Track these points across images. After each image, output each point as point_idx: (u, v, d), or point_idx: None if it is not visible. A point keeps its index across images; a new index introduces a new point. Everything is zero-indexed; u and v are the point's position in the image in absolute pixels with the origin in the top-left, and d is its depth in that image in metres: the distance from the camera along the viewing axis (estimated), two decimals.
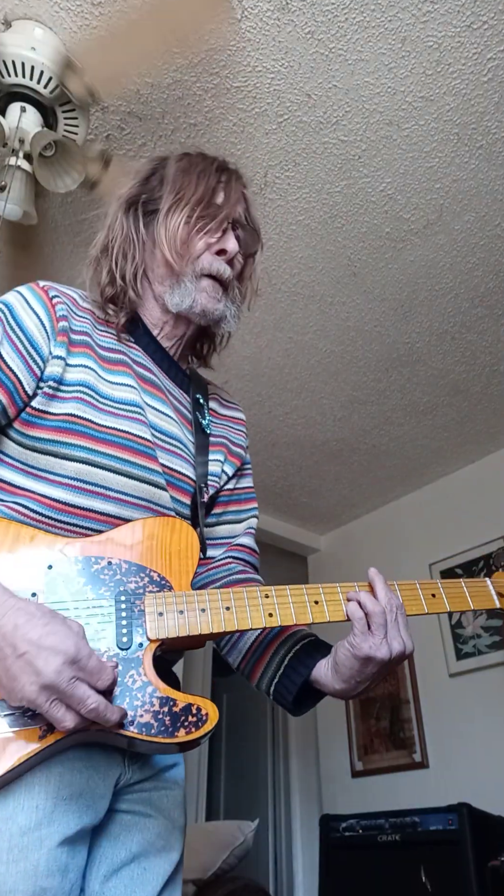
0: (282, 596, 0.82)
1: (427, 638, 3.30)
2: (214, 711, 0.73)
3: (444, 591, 0.88)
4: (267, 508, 3.92)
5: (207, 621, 0.78)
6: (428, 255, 2.33)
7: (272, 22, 1.69)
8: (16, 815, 0.69)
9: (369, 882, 2.38)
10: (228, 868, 2.20)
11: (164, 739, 0.70)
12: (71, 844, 0.72)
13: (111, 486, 0.83)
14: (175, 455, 0.92)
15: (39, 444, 0.83)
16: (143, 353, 0.97)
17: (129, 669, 0.74)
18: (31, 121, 1.71)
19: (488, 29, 1.70)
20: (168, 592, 0.80)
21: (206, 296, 0.95)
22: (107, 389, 0.88)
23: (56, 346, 0.85)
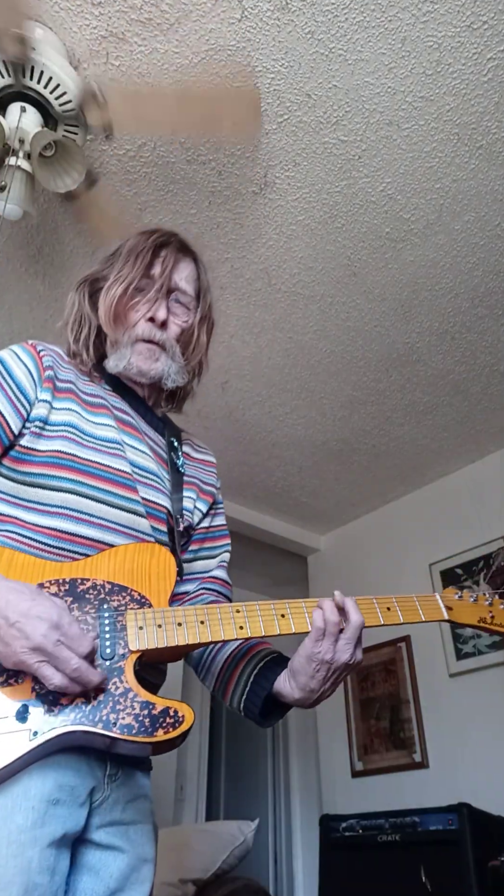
0: (251, 610, 0.90)
1: (427, 638, 3.30)
2: (190, 714, 0.80)
3: (399, 605, 0.95)
4: (267, 508, 3.92)
5: (184, 634, 0.86)
6: (428, 255, 2.33)
7: (272, 22, 1.69)
8: (13, 814, 0.75)
9: (369, 882, 2.38)
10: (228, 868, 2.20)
11: (144, 739, 0.77)
12: (57, 848, 0.78)
13: (95, 513, 0.93)
14: (152, 488, 1.02)
15: (29, 478, 0.93)
16: (121, 399, 1.08)
17: (113, 677, 0.81)
18: (31, 121, 1.71)
19: (488, 29, 1.70)
20: (148, 609, 0.87)
21: (141, 357, 1.07)
22: (90, 428, 0.98)
23: (42, 391, 0.97)
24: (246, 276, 2.42)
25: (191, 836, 2.30)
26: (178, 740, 0.79)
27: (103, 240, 2.14)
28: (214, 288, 2.46)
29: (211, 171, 2.04)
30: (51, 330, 2.65)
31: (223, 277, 2.42)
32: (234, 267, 2.38)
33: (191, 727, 0.79)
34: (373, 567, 3.62)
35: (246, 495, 3.79)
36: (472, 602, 1.02)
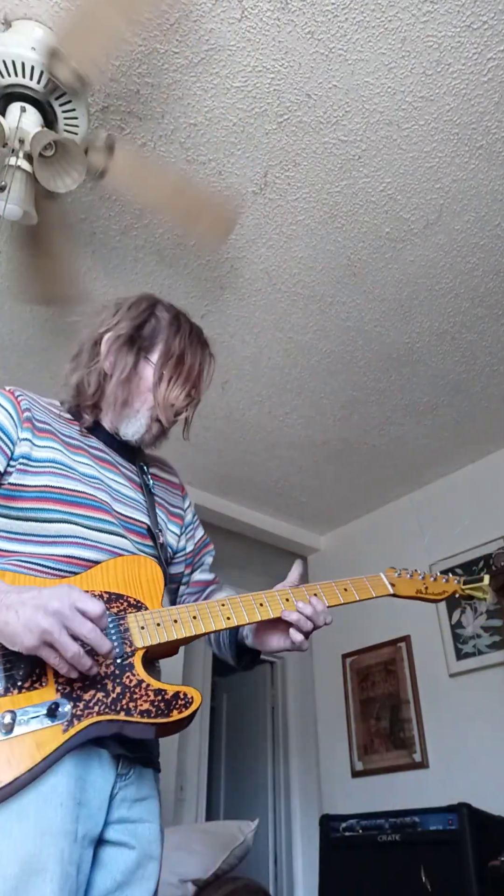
0: (234, 603, 1.04)
1: (427, 638, 3.30)
2: (198, 695, 0.91)
3: (353, 585, 1.15)
4: (267, 508, 3.92)
5: (181, 628, 0.98)
6: (428, 255, 2.33)
7: (272, 22, 1.69)
8: (45, 809, 0.81)
9: (369, 882, 2.38)
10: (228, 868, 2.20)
11: (162, 720, 0.88)
12: (82, 845, 0.85)
13: (88, 537, 1.02)
14: (131, 507, 1.13)
15: (23, 513, 1.01)
16: (96, 439, 1.18)
17: (125, 672, 0.91)
18: (31, 121, 1.71)
19: (488, 29, 1.70)
20: (145, 611, 0.98)
21: (153, 435, 1.22)
22: (72, 464, 1.08)
23: (23, 431, 1.05)
24: (246, 276, 2.42)
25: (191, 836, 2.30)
26: (189, 719, 0.90)
27: None
28: (214, 288, 2.47)
29: (211, 171, 2.04)
30: (51, 330, 2.65)
31: (223, 277, 2.42)
32: (234, 267, 2.38)
33: (199, 707, 0.91)
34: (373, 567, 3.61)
35: (246, 495, 3.79)
36: (408, 578, 1.22)
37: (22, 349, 2.77)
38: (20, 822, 0.79)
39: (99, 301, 2.52)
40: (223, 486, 3.69)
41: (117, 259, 2.35)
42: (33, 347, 2.76)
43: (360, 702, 3.51)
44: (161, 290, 2.47)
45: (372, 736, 3.38)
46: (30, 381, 2.92)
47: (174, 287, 2.46)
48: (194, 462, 3.48)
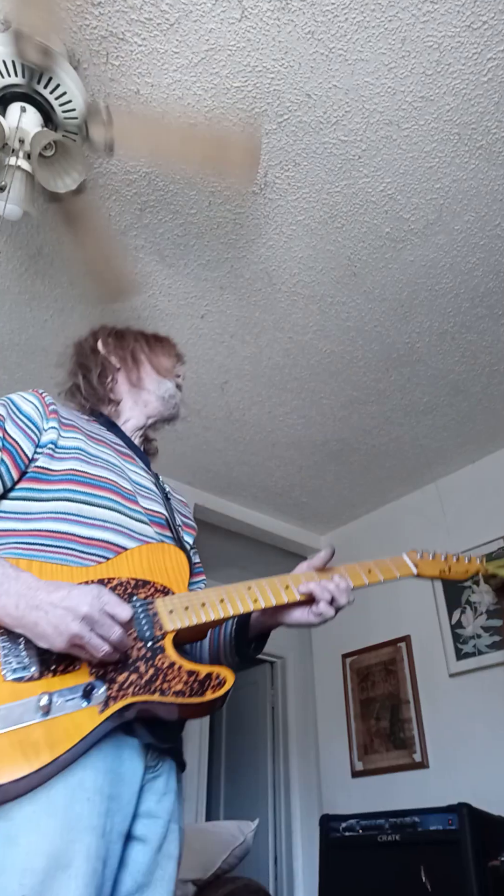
0: (261, 586, 1.05)
1: (427, 638, 3.30)
2: (231, 675, 0.92)
3: (377, 567, 1.17)
4: (267, 508, 3.92)
5: (209, 611, 0.98)
6: (428, 255, 2.33)
7: (272, 22, 1.69)
8: (73, 803, 0.81)
9: (369, 882, 2.38)
10: (228, 868, 2.20)
11: (197, 699, 0.89)
12: (108, 839, 0.84)
13: (107, 519, 1.04)
14: (151, 500, 1.16)
15: (48, 494, 1.04)
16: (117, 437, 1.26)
17: (157, 654, 0.92)
18: (31, 121, 1.71)
19: (488, 29, 1.70)
20: (173, 595, 1.00)
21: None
22: (95, 452, 1.13)
23: (49, 421, 1.11)
24: (246, 276, 2.42)
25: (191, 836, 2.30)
26: (222, 699, 0.91)
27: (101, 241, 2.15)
28: (214, 288, 2.47)
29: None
30: (51, 330, 2.65)
31: (223, 277, 2.42)
32: (234, 267, 2.38)
33: (231, 687, 0.91)
34: None
35: (246, 495, 3.78)
36: (431, 559, 1.26)
37: (22, 349, 2.77)
38: (48, 816, 0.79)
39: (98, 301, 2.52)
40: (223, 486, 3.69)
41: (117, 257, 2.35)
42: (33, 347, 2.76)
43: (360, 702, 3.51)
44: (161, 289, 2.47)
45: (372, 736, 3.38)
46: (30, 382, 2.92)
47: (174, 287, 2.46)
48: (194, 462, 3.48)
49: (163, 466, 3.46)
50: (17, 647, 0.86)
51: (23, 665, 0.85)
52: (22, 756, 0.78)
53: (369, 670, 3.53)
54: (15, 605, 0.85)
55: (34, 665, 0.85)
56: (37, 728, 0.80)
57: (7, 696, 0.81)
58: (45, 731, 0.80)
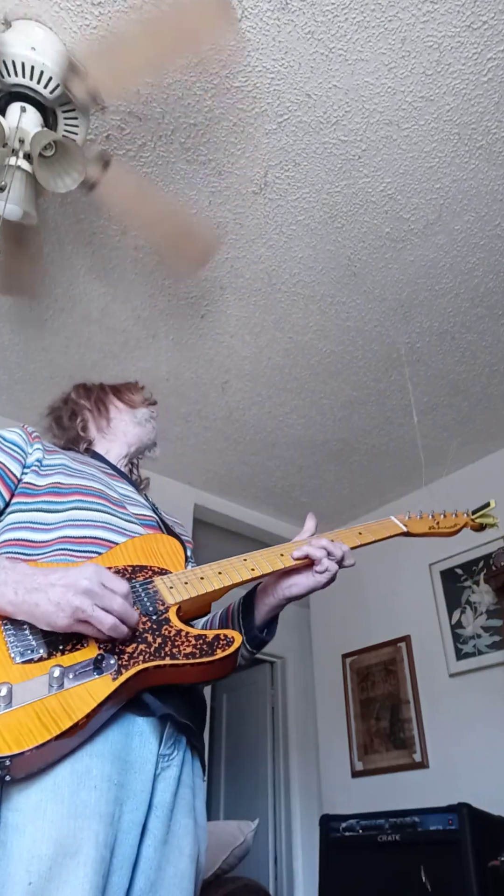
0: (256, 557, 1.08)
1: (427, 638, 3.30)
2: (238, 635, 0.93)
3: (367, 529, 1.20)
4: (267, 508, 3.92)
5: (208, 583, 1.01)
6: (428, 255, 2.33)
7: (272, 22, 1.69)
8: (79, 790, 0.80)
9: (369, 882, 2.38)
10: (228, 868, 2.20)
11: (207, 659, 0.90)
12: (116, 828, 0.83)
13: (96, 519, 1.08)
14: (140, 507, 1.21)
15: (35, 505, 1.08)
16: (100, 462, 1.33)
17: (163, 625, 0.94)
18: (31, 121, 1.71)
19: (488, 29, 1.70)
20: (171, 574, 1.02)
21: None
22: (79, 468, 1.20)
23: (33, 445, 1.19)
24: (246, 276, 2.42)
25: None
26: (233, 659, 0.92)
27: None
28: (214, 288, 2.47)
29: (211, 171, 2.04)
30: (50, 329, 2.65)
31: (223, 277, 2.42)
32: (234, 267, 2.38)
33: (240, 646, 0.93)
34: (373, 567, 3.62)
35: (246, 495, 3.79)
36: (418, 518, 1.29)
37: (22, 349, 2.77)
38: (55, 803, 0.79)
39: (98, 301, 2.52)
40: (223, 486, 3.69)
41: (117, 259, 2.35)
42: (33, 347, 2.76)
43: (360, 702, 3.51)
44: (161, 289, 2.47)
45: (372, 736, 3.38)
46: (30, 382, 2.93)
47: (174, 287, 2.46)
48: (194, 462, 3.48)
49: (163, 466, 3.46)
50: (22, 632, 0.87)
51: (30, 648, 0.86)
52: (41, 725, 0.78)
53: (369, 670, 3.53)
54: (14, 592, 0.86)
55: (42, 647, 0.86)
56: (52, 700, 0.81)
57: (19, 676, 0.83)
58: (61, 700, 0.81)
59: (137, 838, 0.86)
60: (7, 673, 0.82)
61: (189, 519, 3.54)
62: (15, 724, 0.78)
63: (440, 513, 1.33)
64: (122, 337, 2.71)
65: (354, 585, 3.65)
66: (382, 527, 1.23)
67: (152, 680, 0.89)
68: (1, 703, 0.78)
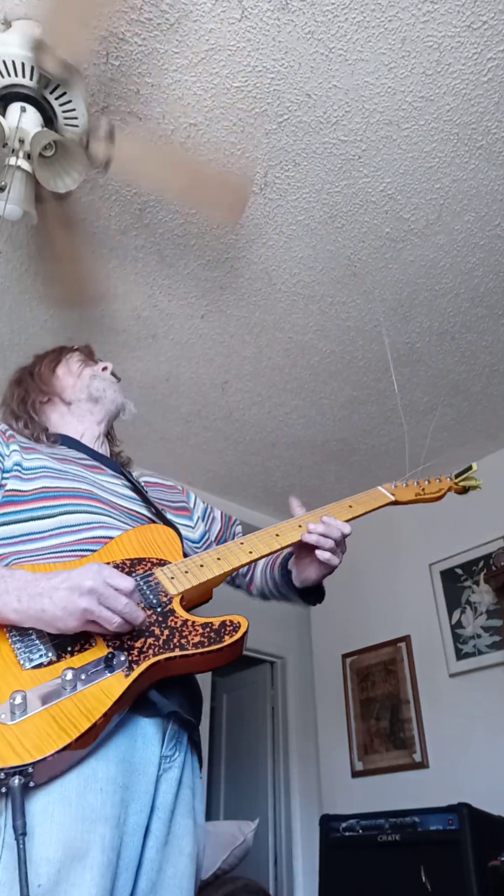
0: (252, 539, 1.10)
1: (427, 638, 3.30)
2: (244, 620, 0.94)
3: (357, 501, 1.25)
4: (267, 508, 3.92)
5: (209, 570, 1.02)
6: (428, 255, 2.33)
7: (272, 22, 1.69)
8: (86, 793, 0.80)
9: (369, 882, 2.38)
10: (228, 868, 2.20)
11: (216, 646, 0.90)
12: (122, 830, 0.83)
13: (92, 521, 1.06)
14: (129, 501, 1.18)
15: (23, 515, 1.04)
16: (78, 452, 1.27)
17: (169, 616, 0.94)
18: (31, 121, 1.71)
19: (488, 29, 1.70)
20: (170, 564, 1.02)
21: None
22: (62, 468, 1.15)
23: (9, 446, 1.14)
24: (246, 276, 2.42)
25: None
26: (241, 644, 0.92)
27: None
28: (214, 288, 2.47)
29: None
30: (50, 330, 2.65)
31: (223, 277, 2.42)
32: (234, 267, 2.38)
33: (247, 630, 0.93)
34: (373, 567, 3.62)
35: (246, 495, 3.78)
36: (405, 486, 1.34)
37: (22, 349, 2.77)
38: (63, 806, 0.79)
39: (98, 301, 2.52)
40: (223, 486, 3.69)
41: (117, 259, 2.35)
42: (33, 347, 2.75)
43: (360, 702, 3.51)
44: (161, 290, 2.47)
45: (372, 736, 3.38)
46: None
47: (174, 287, 2.46)
48: (194, 462, 3.48)
49: (163, 466, 3.46)
50: (28, 637, 0.87)
51: (39, 653, 0.85)
52: (60, 728, 0.78)
53: (369, 670, 3.53)
54: (17, 599, 0.86)
55: (50, 650, 0.86)
56: (67, 702, 0.81)
57: (30, 681, 0.82)
58: (77, 702, 0.81)
59: (141, 840, 0.86)
60: (19, 680, 0.82)
61: None
62: (33, 731, 0.77)
63: (425, 479, 1.37)
64: (122, 337, 2.71)
65: (354, 585, 3.65)
66: (371, 497, 1.27)
67: (163, 672, 0.90)
68: (17, 710, 0.78)
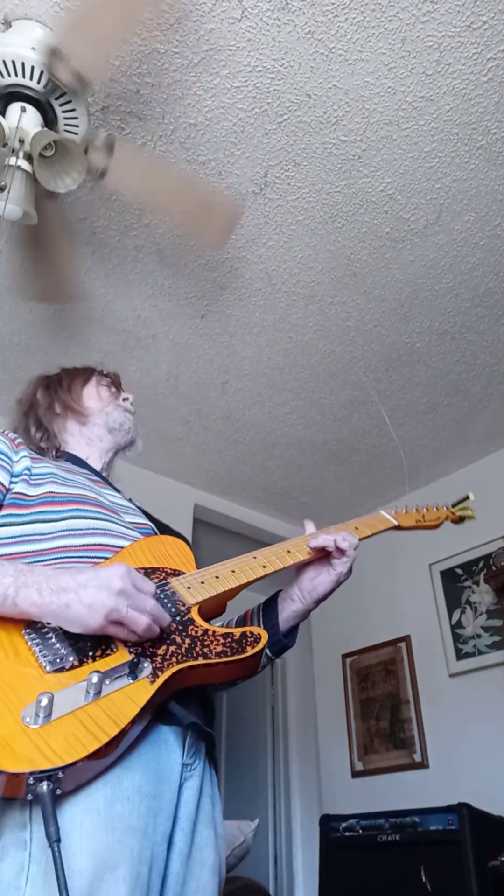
0: (266, 554, 1.12)
1: (427, 638, 3.30)
2: (264, 632, 0.95)
3: (363, 524, 1.25)
4: (267, 508, 3.92)
5: (225, 582, 1.03)
6: (428, 255, 2.33)
7: (272, 22, 1.69)
8: (114, 803, 0.78)
9: (369, 882, 2.38)
10: (228, 868, 2.20)
11: (239, 656, 0.91)
12: (152, 841, 0.81)
13: (97, 527, 1.05)
14: (133, 515, 1.18)
15: (29, 517, 1.04)
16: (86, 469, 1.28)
17: (189, 625, 0.94)
18: (31, 121, 1.71)
19: (488, 29, 1.70)
20: (185, 574, 1.03)
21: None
22: (69, 476, 1.15)
23: (18, 452, 1.14)
24: (246, 276, 2.42)
25: None
26: (260, 655, 0.93)
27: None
28: (214, 288, 2.47)
29: (211, 171, 2.04)
30: (50, 330, 2.65)
31: (223, 277, 2.42)
32: (234, 267, 2.38)
33: (267, 643, 0.94)
34: (373, 567, 3.62)
35: (246, 495, 3.78)
36: (405, 513, 1.38)
37: (22, 349, 2.77)
38: (91, 816, 0.76)
39: (98, 301, 2.52)
40: (223, 486, 3.69)
41: (117, 259, 2.35)
42: (33, 347, 2.76)
43: (360, 702, 3.51)
44: (161, 290, 2.47)
45: (372, 736, 3.38)
46: None
47: (174, 287, 2.46)
48: (194, 462, 3.48)
49: (163, 466, 3.46)
50: (47, 640, 0.84)
51: (60, 657, 0.83)
52: (88, 733, 0.76)
53: (369, 670, 3.53)
54: (38, 593, 0.83)
55: (72, 655, 0.84)
56: (93, 707, 0.79)
57: (55, 685, 0.80)
58: (104, 707, 0.79)
59: (166, 851, 0.84)
60: (43, 683, 0.80)
61: (189, 519, 3.54)
62: (61, 735, 0.75)
63: (423, 507, 1.41)
64: (122, 337, 2.71)
65: (354, 585, 3.64)
66: (376, 520, 1.29)
67: (185, 681, 0.89)
68: (42, 713, 0.76)
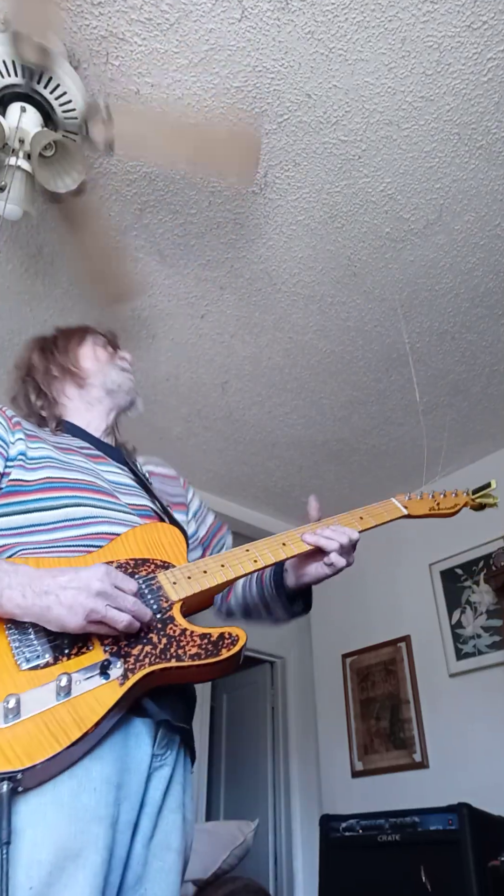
0: (258, 547, 1.09)
1: (427, 638, 3.30)
2: (243, 633, 0.93)
3: (369, 514, 1.19)
4: (267, 508, 3.92)
5: (211, 577, 1.00)
6: (428, 255, 2.33)
7: (272, 22, 1.69)
8: (80, 794, 0.80)
9: (369, 882, 2.38)
10: (228, 868, 2.20)
11: (213, 659, 0.89)
12: (115, 829, 0.83)
13: (98, 515, 1.04)
14: (133, 496, 1.15)
15: (26, 506, 1.02)
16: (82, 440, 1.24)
17: (168, 624, 0.93)
18: (31, 121, 1.71)
19: (488, 29, 1.70)
20: (174, 568, 1.01)
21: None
22: (66, 458, 1.12)
23: (14, 433, 1.11)
24: (246, 276, 2.42)
25: None
26: (238, 658, 0.91)
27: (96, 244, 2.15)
28: (214, 288, 2.47)
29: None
30: (50, 329, 2.65)
31: (223, 277, 2.42)
32: (234, 267, 2.38)
33: (245, 644, 0.92)
34: (373, 567, 3.62)
35: (246, 495, 3.78)
36: (419, 499, 1.28)
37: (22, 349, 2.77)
38: (55, 807, 0.78)
39: (98, 301, 2.52)
40: (223, 486, 3.69)
41: (117, 259, 2.35)
42: None
43: (360, 702, 3.51)
44: (161, 290, 2.47)
45: (372, 736, 3.38)
46: None
47: (174, 287, 2.46)
48: (194, 462, 3.48)
49: None
50: (27, 636, 0.86)
51: (36, 654, 0.85)
52: (51, 736, 0.78)
53: (369, 670, 3.53)
54: (21, 595, 0.85)
55: (48, 652, 0.85)
56: (61, 708, 0.81)
57: (26, 683, 0.82)
58: (70, 709, 0.81)
59: (130, 837, 0.86)
60: (14, 681, 0.82)
61: None
62: (25, 736, 0.77)
63: (440, 492, 1.31)
64: (122, 337, 2.70)
65: (354, 585, 3.65)
66: (384, 509, 1.21)
67: (157, 681, 0.89)
68: (9, 714, 0.77)
